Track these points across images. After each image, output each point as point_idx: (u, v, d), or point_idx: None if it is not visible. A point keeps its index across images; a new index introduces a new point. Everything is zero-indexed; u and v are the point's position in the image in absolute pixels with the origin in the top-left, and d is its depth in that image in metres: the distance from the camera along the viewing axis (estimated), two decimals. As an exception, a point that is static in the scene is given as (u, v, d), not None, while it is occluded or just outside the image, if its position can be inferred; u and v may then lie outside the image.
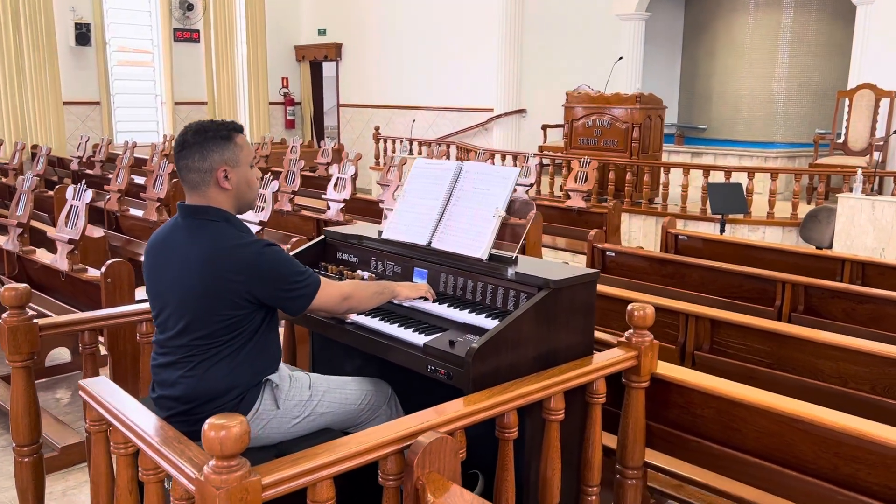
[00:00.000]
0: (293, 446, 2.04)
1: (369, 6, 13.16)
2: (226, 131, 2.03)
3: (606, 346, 2.44)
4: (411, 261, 2.67)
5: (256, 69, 13.76)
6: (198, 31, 13.22)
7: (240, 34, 13.57)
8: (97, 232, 5.62)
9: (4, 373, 4.06)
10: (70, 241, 3.53)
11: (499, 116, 11.28)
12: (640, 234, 7.80)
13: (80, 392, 1.99)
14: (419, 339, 2.24)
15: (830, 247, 6.45)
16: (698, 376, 2.41)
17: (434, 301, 2.45)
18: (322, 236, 3.03)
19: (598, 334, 2.47)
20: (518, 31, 11.03)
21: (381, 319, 2.40)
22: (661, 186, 7.91)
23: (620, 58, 9.65)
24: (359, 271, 2.79)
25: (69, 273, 3.54)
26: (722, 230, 6.79)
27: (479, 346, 2.05)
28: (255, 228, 4.26)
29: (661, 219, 7.57)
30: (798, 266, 4.51)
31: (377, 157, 11.41)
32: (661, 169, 8.02)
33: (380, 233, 2.81)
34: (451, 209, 2.62)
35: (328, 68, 14.62)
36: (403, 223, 2.74)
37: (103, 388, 1.94)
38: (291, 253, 2.91)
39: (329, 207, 5.51)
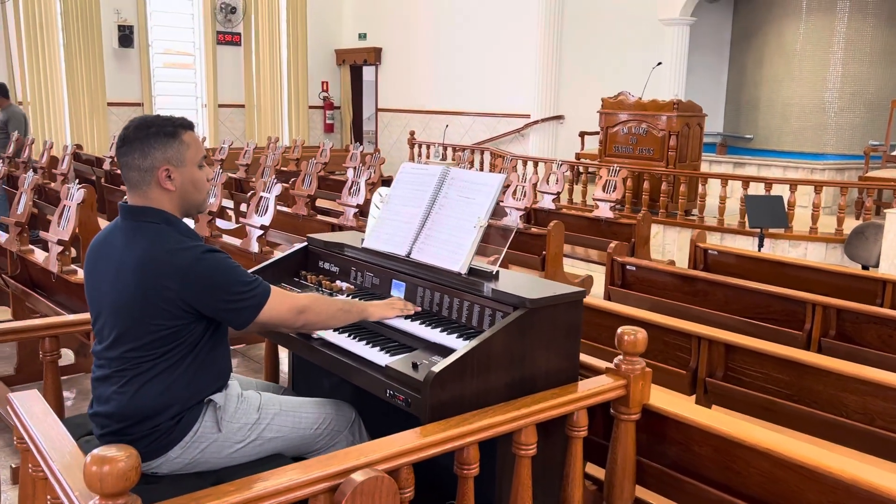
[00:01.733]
0: (235, 473, 1.86)
1: (410, 11, 13.06)
2: (171, 127, 1.87)
3: (595, 372, 2.21)
4: (390, 272, 2.48)
5: (297, 72, 13.79)
6: (239, 34, 13.30)
7: (281, 37, 13.61)
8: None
9: (3, 373, 4.02)
10: (59, 242, 3.44)
11: (535, 122, 11.03)
12: (674, 247, 7.47)
13: (7, 406, 1.85)
14: (382, 358, 2.05)
15: (878, 266, 6.05)
16: (696, 410, 2.16)
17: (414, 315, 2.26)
18: (305, 244, 2.86)
19: (586, 359, 2.24)
20: (557, 36, 10.77)
21: (350, 336, 2.22)
22: (698, 197, 7.57)
23: (659, 63, 9.32)
24: (338, 282, 2.62)
25: (59, 274, 3.45)
26: (760, 245, 6.43)
27: (440, 370, 1.85)
28: (256, 233, 4.13)
29: (697, 231, 7.24)
30: (836, 287, 4.18)
31: (412, 162, 11.27)
32: (699, 179, 7.67)
33: (362, 241, 2.63)
34: (434, 217, 2.42)
35: (368, 72, 14.57)
36: (385, 232, 2.55)
37: (29, 405, 1.80)
38: (272, 260, 2.77)
39: (344, 212, 5.36)
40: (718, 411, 3.01)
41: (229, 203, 7.60)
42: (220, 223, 6.50)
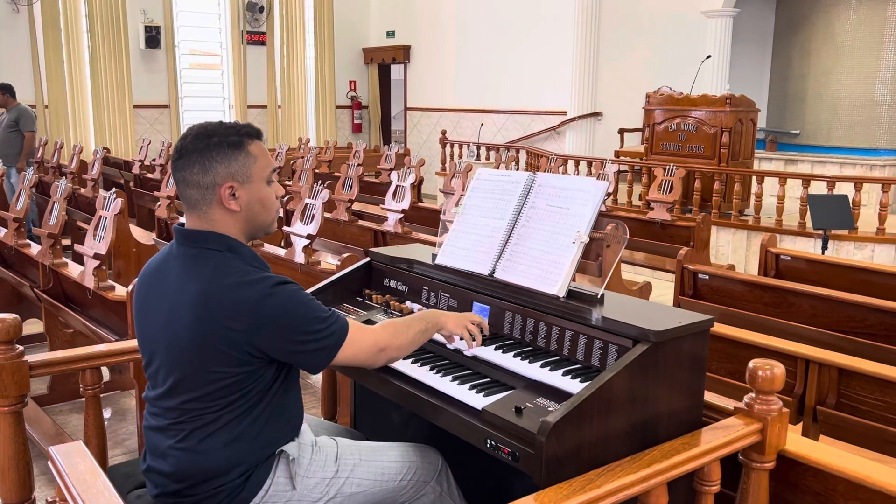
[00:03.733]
0: (311, 539, 1.58)
1: (439, 7, 12.75)
2: (236, 136, 1.58)
3: (721, 413, 1.89)
4: (470, 293, 2.18)
5: (324, 72, 13.53)
6: (264, 32, 13.07)
7: (308, 36, 13.37)
8: (148, 239, 5.34)
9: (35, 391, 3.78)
10: (96, 256, 3.18)
11: (572, 120, 10.68)
12: (728, 249, 7.10)
13: (48, 461, 1.58)
14: (476, 399, 1.75)
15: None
16: (844, 458, 1.84)
17: (489, 339, 1.97)
18: (367, 259, 2.57)
19: (711, 398, 1.93)
20: (594, 30, 10.40)
21: (430, 368, 1.92)
22: (752, 197, 7.18)
23: (708, 56, 8.93)
24: (407, 303, 2.33)
25: (95, 290, 3.19)
26: (824, 247, 6.04)
27: (557, 420, 1.54)
28: (302, 242, 3.85)
29: (753, 233, 6.88)
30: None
31: (443, 162, 10.98)
32: (754, 178, 7.29)
33: (433, 257, 2.33)
34: (520, 231, 2.12)
35: (396, 71, 14.28)
36: (461, 247, 2.25)
37: (70, 460, 1.52)
38: (334, 278, 2.48)
39: (387, 217, 5.07)
40: (828, 443, 2.68)
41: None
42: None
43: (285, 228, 4.03)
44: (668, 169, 5.85)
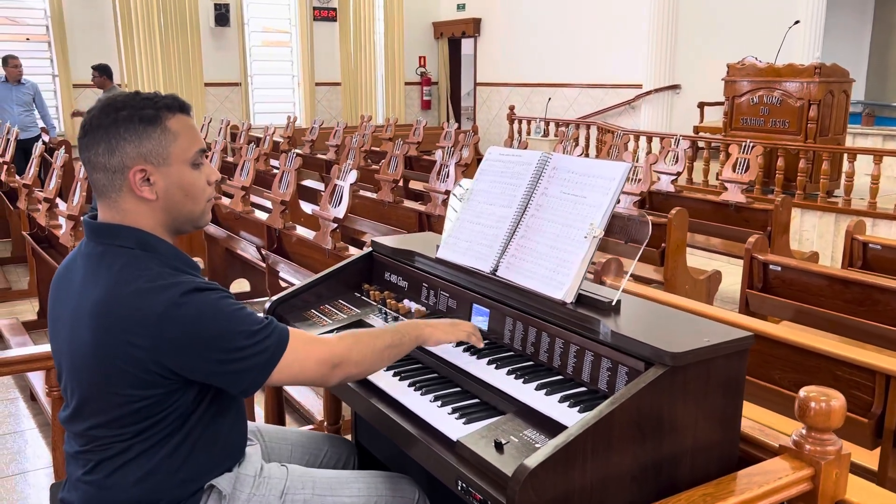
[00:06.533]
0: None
1: (511, -23, 12.27)
2: (151, 110, 1.31)
3: (762, 449, 1.53)
4: (470, 294, 1.87)
5: (393, 48, 13.30)
6: (335, 9, 12.92)
7: (377, 11, 13.14)
8: (219, 232, 5.17)
9: None
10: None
11: (648, 93, 10.06)
12: (814, 233, 6.47)
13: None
14: (453, 427, 1.46)
15: None
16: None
17: (486, 350, 1.67)
18: (369, 249, 2.29)
19: (749, 430, 1.56)
20: (673, -3, 9.72)
21: (409, 381, 1.64)
22: (843, 177, 6.52)
23: (796, 21, 8.18)
24: (405, 301, 2.04)
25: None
26: (924, 233, 5.40)
27: (536, 465, 1.22)
28: (331, 226, 3.60)
29: (842, 216, 6.24)
30: None
31: (511, 139, 10.59)
32: (845, 156, 6.60)
33: (437, 249, 2.02)
34: (529, 222, 1.79)
35: (466, 46, 13.91)
36: (465, 238, 1.94)
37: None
38: (330, 270, 2.22)
39: (432, 198, 4.78)
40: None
41: (320, 185, 7.19)
42: (306, 207, 6.08)
43: (315, 212, 3.79)
44: (744, 146, 5.31)
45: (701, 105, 9.79)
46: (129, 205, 1.32)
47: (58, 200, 4.38)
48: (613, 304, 1.58)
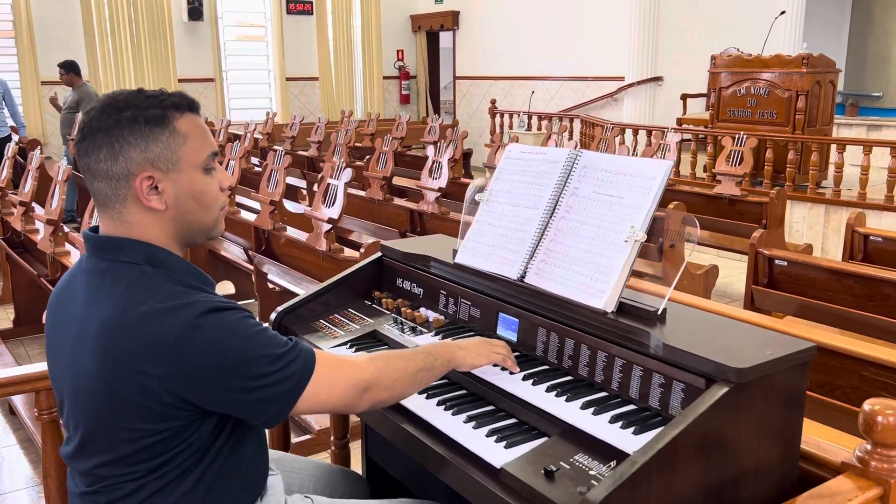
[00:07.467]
0: None
1: (489, -31, 12.14)
2: (158, 109, 1.17)
3: (823, 466, 1.43)
4: (495, 302, 1.75)
5: (371, 41, 13.11)
6: (311, 2, 12.69)
7: (354, 4, 12.94)
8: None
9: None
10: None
11: (630, 86, 10.00)
12: (803, 225, 6.45)
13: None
14: (494, 452, 1.33)
15: None
16: None
17: (518, 363, 1.55)
18: (378, 254, 2.16)
19: (810, 447, 1.46)
20: (654, -12, 9.66)
21: (437, 399, 1.51)
22: (831, 168, 6.49)
23: (782, 12, 8.14)
24: (422, 309, 1.91)
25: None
26: (917, 224, 5.39)
27: (605, 496, 1.11)
28: (325, 227, 3.46)
29: (832, 207, 6.23)
30: None
31: (492, 133, 10.47)
32: (833, 147, 6.58)
33: (454, 254, 1.90)
34: (559, 225, 1.67)
35: (445, 39, 13.76)
36: (486, 243, 1.81)
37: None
38: (337, 278, 2.07)
39: (424, 196, 4.65)
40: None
41: (301, 182, 7.01)
42: (289, 206, 5.92)
43: (307, 212, 3.65)
44: (737, 138, 5.25)
45: (684, 97, 9.76)
46: (134, 216, 1.18)
47: (33, 204, 4.18)
48: (660, 313, 1.46)
